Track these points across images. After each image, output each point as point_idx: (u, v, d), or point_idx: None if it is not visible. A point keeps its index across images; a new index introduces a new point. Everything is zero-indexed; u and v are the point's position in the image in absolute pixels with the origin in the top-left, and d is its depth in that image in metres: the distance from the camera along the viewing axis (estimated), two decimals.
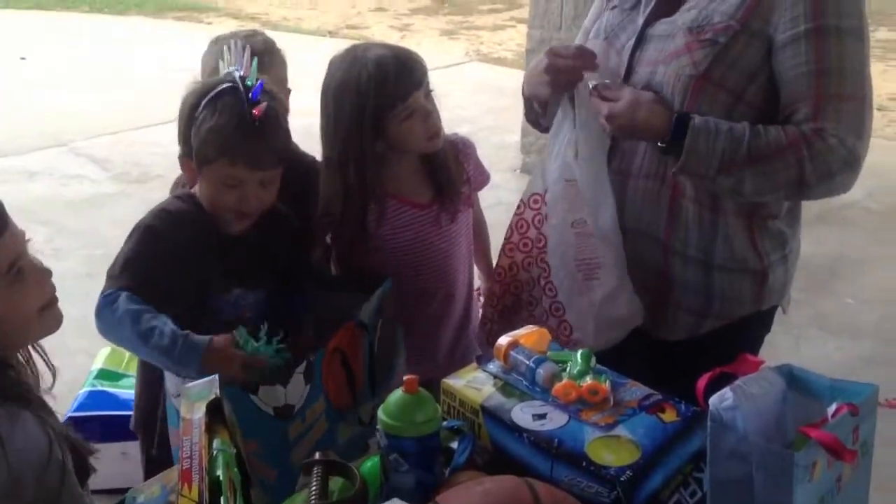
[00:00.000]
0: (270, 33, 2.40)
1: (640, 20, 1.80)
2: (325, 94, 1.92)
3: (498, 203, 3.87)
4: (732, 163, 1.64)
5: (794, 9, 1.65)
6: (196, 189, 1.83)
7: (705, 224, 1.78)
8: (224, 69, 1.84)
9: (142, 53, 7.84)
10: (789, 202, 1.83)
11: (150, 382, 2.13)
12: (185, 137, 1.79)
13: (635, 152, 1.81)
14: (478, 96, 6.99)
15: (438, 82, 1.96)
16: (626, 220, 1.84)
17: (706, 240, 1.79)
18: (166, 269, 1.72)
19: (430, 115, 1.91)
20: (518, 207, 1.92)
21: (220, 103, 1.75)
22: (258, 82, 1.76)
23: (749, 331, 1.86)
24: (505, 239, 1.95)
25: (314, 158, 2.08)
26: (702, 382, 1.30)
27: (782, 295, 1.90)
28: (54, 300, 1.41)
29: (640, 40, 1.78)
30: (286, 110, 1.91)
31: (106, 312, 1.68)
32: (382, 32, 9.66)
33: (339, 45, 2.04)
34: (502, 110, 6.28)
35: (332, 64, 1.94)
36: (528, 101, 1.96)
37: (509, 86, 6.95)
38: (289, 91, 2.20)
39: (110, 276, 1.72)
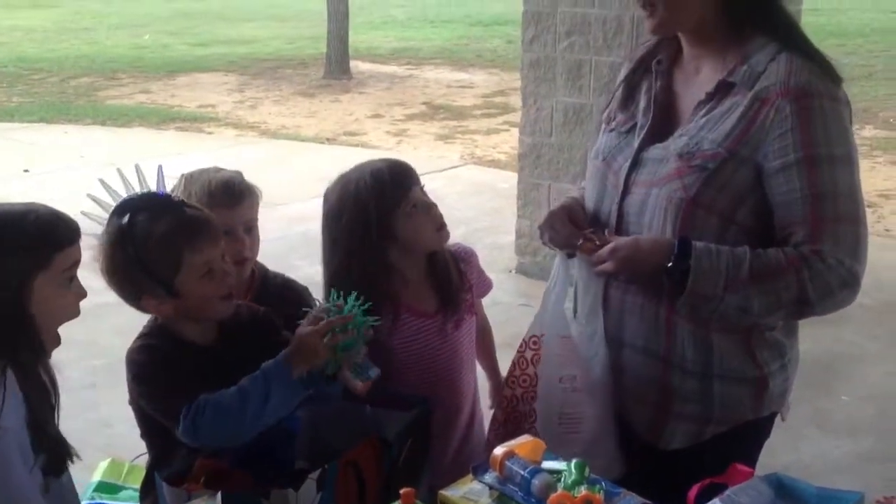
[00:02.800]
0: (270, 141, 2.48)
1: (636, 143, 1.87)
2: (325, 221, 2.01)
3: (494, 303, 3.93)
4: (737, 281, 1.68)
5: (782, 139, 1.70)
6: (162, 319, 1.84)
7: (699, 341, 1.82)
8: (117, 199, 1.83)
9: (144, 164, 8.00)
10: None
11: None
12: (134, 282, 1.78)
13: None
14: (473, 198, 7.12)
15: (435, 185, 2.06)
16: (626, 336, 1.88)
17: (703, 355, 1.82)
18: (183, 380, 1.76)
19: (432, 208, 2.00)
20: (520, 346, 2.01)
21: (141, 221, 1.76)
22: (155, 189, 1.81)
23: (749, 437, 1.88)
24: (508, 372, 2.05)
25: (284, 277, 2.19)
26: (692, 493, 1.32)
27: (782, 402, 1.92)
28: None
29: (636, 163, 1.85)
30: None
31: (202, 425, 1.70)
32: (379, 138, 9.87)
33: (338, 152, 2.14)
34: (497, 212, 6.40)
35: (326, 194, 2.03)
36: None
37: (504, 187, 7.14)
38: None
39: (171, 413, 1.73)
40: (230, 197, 2.08)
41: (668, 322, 1.82)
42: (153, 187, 1.85)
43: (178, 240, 1.76)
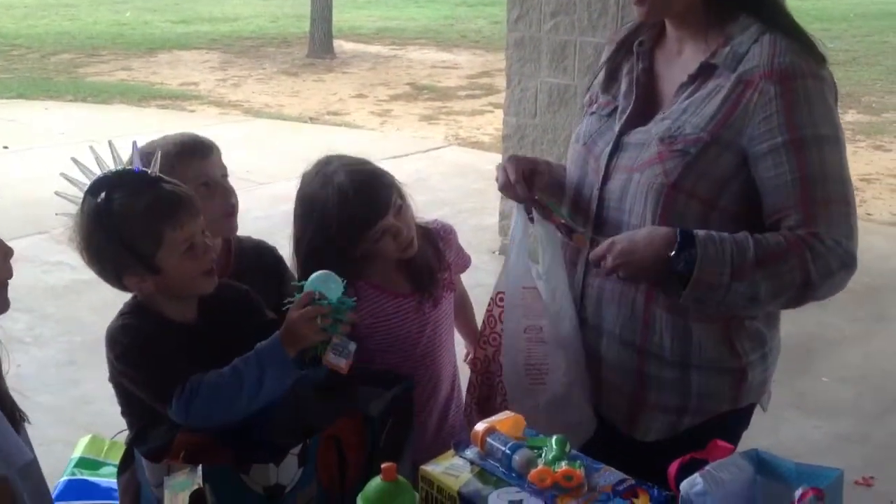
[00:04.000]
0: (253, 120, 2.46)
1: (617, 128, 1.84)
2: (296, 205, 2.00)
3: (477, 285, 3.92)
4: (743, 266, 1.64)
5: (767, 122, 1.67)
6: (142, 297, 1.81)
7: (678, 330, 1.79)
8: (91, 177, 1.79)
9: (123, 142, 7.94)
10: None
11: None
12: (113, 260, 1.75)
13: None
14: (457, 179, 7.11)
15: (418, 166, 2.05)
16: (604, 325, 1.86)
17: (681, 344, 1.80)
18: (168, 358, 1.75)
19: (399, 233, 1.95)
20: (488, 304, 2.00)
21: (119, 198, 1.73)
22: (130, 165, 1.77)
23: (727, 429, 1.81)
24: (479, 332, 2.04)
25: (252, 239, 2.16)
26: (673, 468, 1.33)
27: (761, 392, 1.90)
28: (6, 284, 1.54)
29: (616, 147, 1.82)
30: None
31: (195, 406, 1.68)
32: (363, 118, 9.84)
33: (321, 131, 2.11)
34: (480, 193, 6.39)
35: (304, 177, 2.00)
36: None
37: (487, 169, 7.03)
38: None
39: (160, 394, 1.72)
40: (201, 148, 2.04)
41: (646, 310, 1.79)
42: (128, 164, 1.81)
43: (158, 216, 1.73)
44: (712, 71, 1.74)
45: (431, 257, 2.07)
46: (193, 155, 2.01)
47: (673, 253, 1.66)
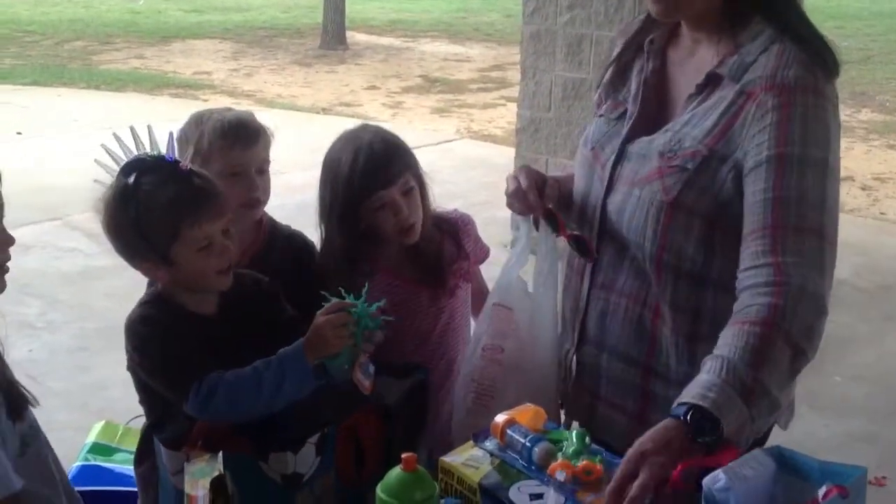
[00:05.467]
0: (266, 110, 2.46)
1: (623, 134, 1.75)
2: (322, 168, 2.01)
3: (488, 279, 3.91)
4: (746, 389, 1.44)
5: (760, 135, 1.57)
6: (162, 287, 1.82)
7: (683, 351, 1.70)
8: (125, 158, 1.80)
9: (140, 130, 7.96)
10: None
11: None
12: (130, 244, 1.75)
13: (619, 270, 1.75)
14: (469, 172, 7.10)
15: (430, 159, 2.03)
16: (607, 340, 1.78)
17: (687, 365, 1.68)
18: (186, 350, 1.74)
19: (400, 211, 1.94)
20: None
21: (145, 184, 1.73)
22: (165, 153, 1.77)
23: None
24: None
25: (290, 228, 2.14)
26: (676, 472, 1.31)
27: (779, 414, 1.74)
28: (5, 268, 1.61)
29: (620, 156, 1.73)
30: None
31: (213, 404, 1.68)
32: (375, 110, 9.83)
33: (333, 122, 2.11)
34: (492, 186, 6.34)
35: (330, 148, 2.01)
36: None
37: (500, 162, 7.10)
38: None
39: (177, 388, 1.71)
40: (244, 137, 2.02)
41: (654, 328, 1.71)
42: (164, 150, 1.81)
43: (178, 211, 1.72)
44: (719, 81, 1.64)
45: (448, 246, 2.06)
46: (235, 143, 1.99)
47: (690, 435, 1.41)
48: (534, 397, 1.73)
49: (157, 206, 1.72)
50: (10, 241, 1.60)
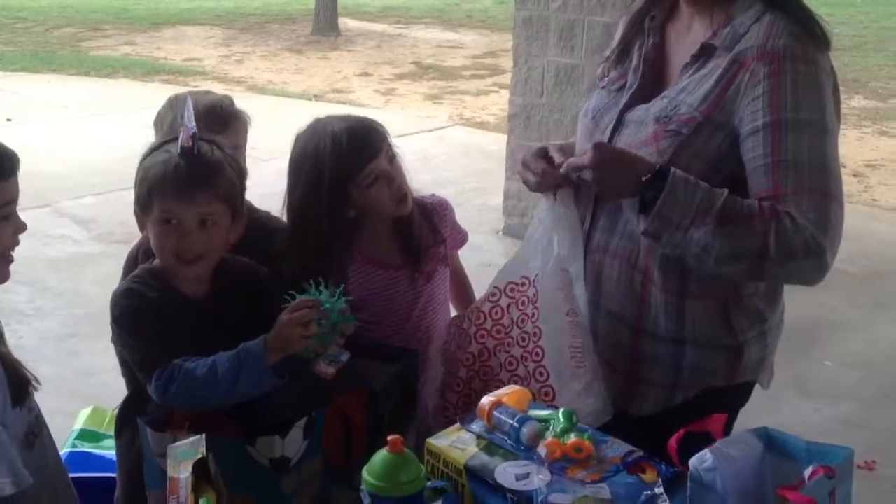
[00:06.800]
0: (257, 97, 2.44)
1: (622, 103, 1.83)
2: (289, 164, 1.99)
3: (481, 264, 3.90)
4: (706, 215, 1.61)
5: (754, 104, 1.65)
6: (158, 264, 1.83)
7: (672, 309, 1.77)
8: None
9: (127, 116, 7.92)
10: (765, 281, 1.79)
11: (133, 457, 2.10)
12: (136, 193, 1.83)
13: (613, 231, 1.82)
14: (461, 159, 7.09)
15: (423, 146, 2.03)
16: (603, 299, 1.85)
17: (676, 323, 1.78)
18: (165, 334, 1.74)
19: (394, 180, 1.96)
20: (493, 295, 1.94)
21: (161, 149, 1.81)
22: (192, 128, 1.78)
23: (720, 404, 1.73)
24: (476, 325, 1.96)
25: (269, 215, 2.12)
26: (672, 443, 1.32)
27: (759, 371, 1.87)
28: (10, 257, 1.70)
29: (619, 124, 1.81)
30: (241, 170, 1.90)
31: (172, 391, 1.69)
32: (368, 97, 9.79)
33: (325, 108, 2.09)
34: (485, 173, 6.37)
35: (297, 136, 2.00)
36: None
37: (492, 149, 7.09)
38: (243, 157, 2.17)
39: (144, 368, 1.73)
40: (214, 121, 2.02)
41: (643, 289, 1.78)
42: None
43: (153, 185, 1.76)
44: (712, 52, 1.72)
45: (425, 230, 2.06)
46: (205, 127, 1.95)
47: (645, 178, 1.64)
48: (592, 351, 1.83)
49: (144, 177, 1.79)
50: (23, 227, 1.67)
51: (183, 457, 1.35)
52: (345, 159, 1.91)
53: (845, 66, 10.72)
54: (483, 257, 4.75)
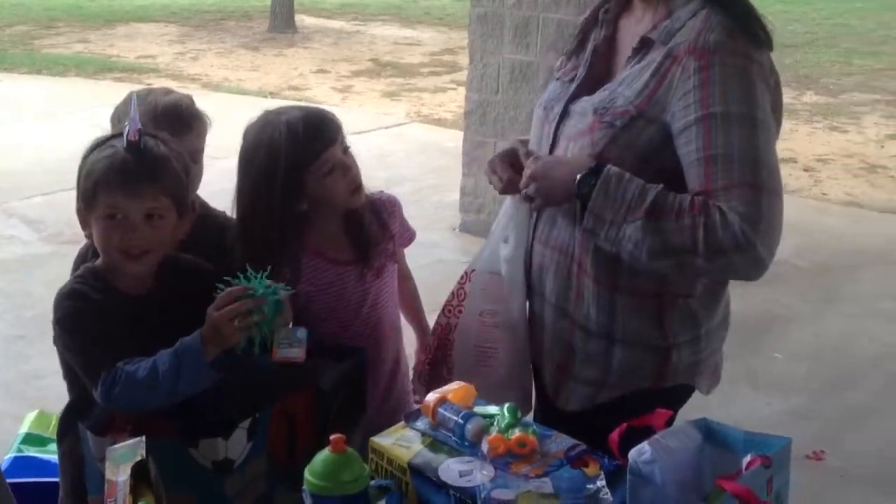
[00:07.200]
0: (212, 94, 2.41)
1: (569, 93, 1.84)
2: (239, 157, 1.97)
3: (437, 261, 3.91)
4: (636, 211, 1.62)
5: (685, 98, 1.64)
6: (100, 264, 1.81)
7: (603, 302, 1.77)
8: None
9: (78, 114, 7.80)
10: (703, 281, 1.77)
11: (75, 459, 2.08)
12: (77, 190, 1.80)
13: (555, 224, 1.83)
14: (419, 156, 7.08)
15: (380, 143, 2.03)
16: (546, 291, 1.86)
17: (606, 316, 1.77)
18: (109, 333, 1.72)
19: (349, 170, 1.95)
20: (461, 277, 1.98)
21: (105, 145, 1.79)
22: (137, 123, 1.76)
23: (648, 404, 1.60)
24: (447, 301, 2.01)
25: (225, 215, 2.10)
26: (614, 436, 1.33)
27: (693, 375, 1.83)
28: None
29: (564, 115, 1.82)
30: (186, 165, 1.87)
31: (115, 394, 1.66)
32: (324, 94, 9.74)
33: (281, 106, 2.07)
34: (443, 170, 6.37)
35: (246, 129, 1.98)
36: None
37: (450, 146, 7.09)
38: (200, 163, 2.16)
39: (89, 372, 1.71)
40: (176, 125, 1.99)
41: (578, 281, 1.78)
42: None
43: (98, 179, 1.74)
44: (651, 45, 1.72)
45: (375, 226, 2.05)
46: (165, 131, 1.93)
47: (580, 175, 1.66)
48: (521, 352, 1.88)
49: (86, 172, 1.77)
50: None
51: (122, 459, 1.33)
52: (301, 147, 1.89)
53: (797, 62, 10.88)
54: (439, 254, 4.76)
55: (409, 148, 7.34)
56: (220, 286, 1.69)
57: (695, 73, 1.63)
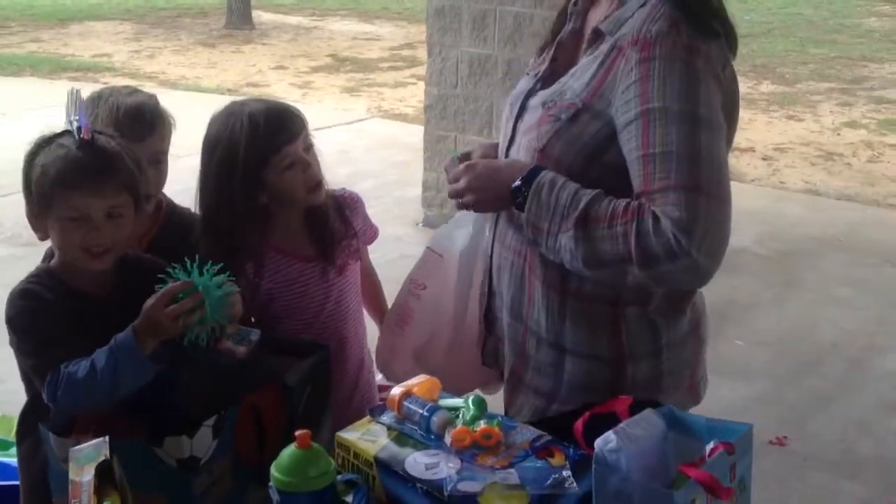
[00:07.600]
0: (169, 92, 2.39)
1: (528, 88, 1.79)
2: (202, 148, 1.96)
3: (401, 257, 3.89)
4: (569, 219, 1.54)
5: (627, 92, 1.55)
6: (54, 263, 1.79)
7: (553, 306, 1.68)
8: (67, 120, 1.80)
9: (32, 114, 7.68)
10: (660, 290, 1.65)
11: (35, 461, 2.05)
12: (27, 192, 1.76)
13: (510, 224, 1.75)
14: (380, 152, 7.07)
15: (341, 138, 2.02)
16: (504, 292, 1.79)
17: (555, 322, 1.68)
18: (62, 334, 1.70)
19: (309, 167, 1.94)
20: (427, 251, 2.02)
21: (54, 144, 1.75)
22: (83, 121, 1.74)
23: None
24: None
25: (192, 213, 2.08)
26: (578, 426, 1.34)
27: (656, 391, 1.68)
28: None
29: (521, 109, 1.77)
30: (138, 160, 1.84)
31: (60, 394, 1.65)
32: (284, 90, 9.68)
33: None
34: (404, 165, 6.36)
35: (211, 119, 1.96)
36: None
37: (411, 141, 7.08)
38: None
39: (38, 374, 1.69)
40: (139, 128, 1.97)
41: (529, 282, 1.71)
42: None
43: (55, 181, 1.71)
44: (602, 37, 1.64)
45: (337, 223, 2.05)
46: (127, 133, 1.91)
47: (514, 185, 1.61)
48: (451, 344, 1.91)
49: (39, 174, 1.74)
50: None
51: (86, 460, 1.32)
52: (261, 140, 1.88)
53: (754, 52, 11.00)
54: (403, 249, 4.75)
55: (371, 143, 7.32)
56: (162, 276, 1.68)
57: (636, 66, 1.54)
